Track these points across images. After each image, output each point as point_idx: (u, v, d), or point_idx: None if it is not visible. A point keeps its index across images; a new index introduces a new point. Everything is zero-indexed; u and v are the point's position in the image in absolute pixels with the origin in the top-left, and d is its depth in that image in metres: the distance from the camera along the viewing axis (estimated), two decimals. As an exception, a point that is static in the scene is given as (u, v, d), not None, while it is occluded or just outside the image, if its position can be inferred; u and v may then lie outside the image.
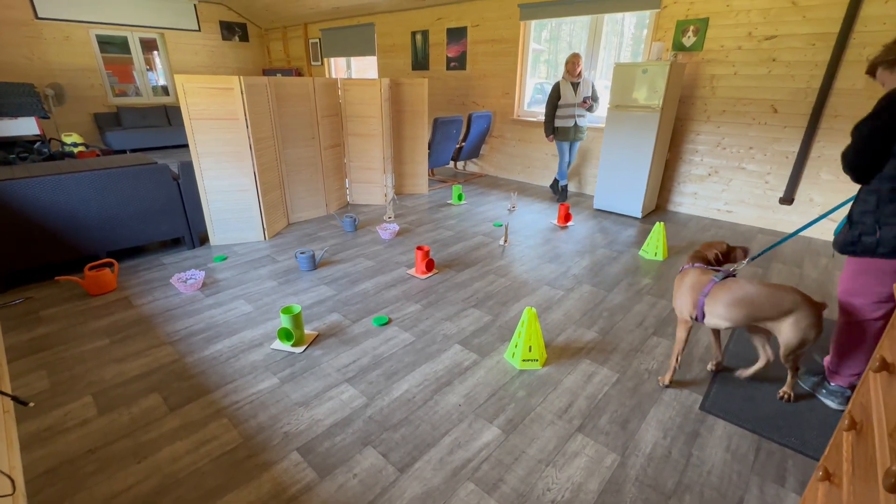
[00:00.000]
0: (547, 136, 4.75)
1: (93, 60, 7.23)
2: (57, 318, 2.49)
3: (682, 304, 1.90)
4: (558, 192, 4.98)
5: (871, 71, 1.65)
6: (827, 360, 1.93)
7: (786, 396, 1.87)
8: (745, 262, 1.96)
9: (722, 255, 2.00)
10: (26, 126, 5.73)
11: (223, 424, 1.75)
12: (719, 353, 2.07)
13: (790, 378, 1.85)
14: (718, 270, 1.88)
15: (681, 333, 1.92)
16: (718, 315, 1.79)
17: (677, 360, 1.96)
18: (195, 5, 8.04)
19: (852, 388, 1.83)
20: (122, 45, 7.63)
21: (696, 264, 1.94)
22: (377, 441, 1.68)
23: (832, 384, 1.87)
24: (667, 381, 1.97)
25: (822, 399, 1.88)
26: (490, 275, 3.08)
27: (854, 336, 1.76)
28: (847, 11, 3.30)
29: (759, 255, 1.99)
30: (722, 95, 4.06)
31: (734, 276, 1.85)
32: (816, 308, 1.66)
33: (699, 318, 1.85)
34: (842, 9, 3.34)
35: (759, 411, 1.83)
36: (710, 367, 2.09)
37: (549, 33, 5.59)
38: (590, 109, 4.48)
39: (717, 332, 2.03)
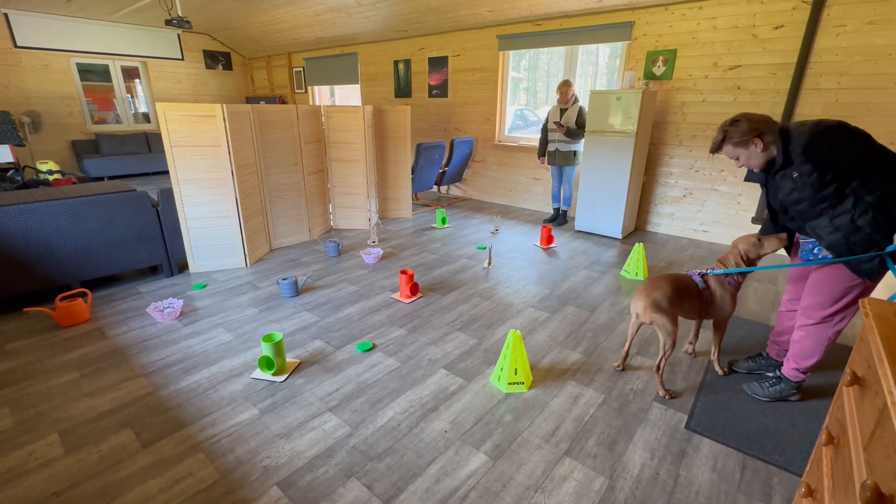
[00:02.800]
0: (538, 157, 4.88)
1: (72, 88, 7.18)
2: (24, 351, 2.38)
3: None
4: (557, 216, 5.04)
5: (717, 150, 1.80)
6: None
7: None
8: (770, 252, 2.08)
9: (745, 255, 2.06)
10: (0, 154, 5.61)
11: (199, 460, 1.67)
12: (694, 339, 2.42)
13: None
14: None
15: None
16: None
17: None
18: (179, 35, 8.11)
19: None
20: (103, 73, 7.60)
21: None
22: (361, 472, 1.63)
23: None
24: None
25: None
26: (474, 297, 3.09)
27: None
28: (802, 44, 3.53)
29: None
30: (692, 121, 4.25)
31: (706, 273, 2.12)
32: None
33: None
34: (798, 41, 3.58)
35: (743, 429, 1.84)
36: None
37: (527, 62, 5.81)
38: (567, 135, 4.51)
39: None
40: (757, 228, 4.11)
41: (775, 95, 3.77)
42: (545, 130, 4.72)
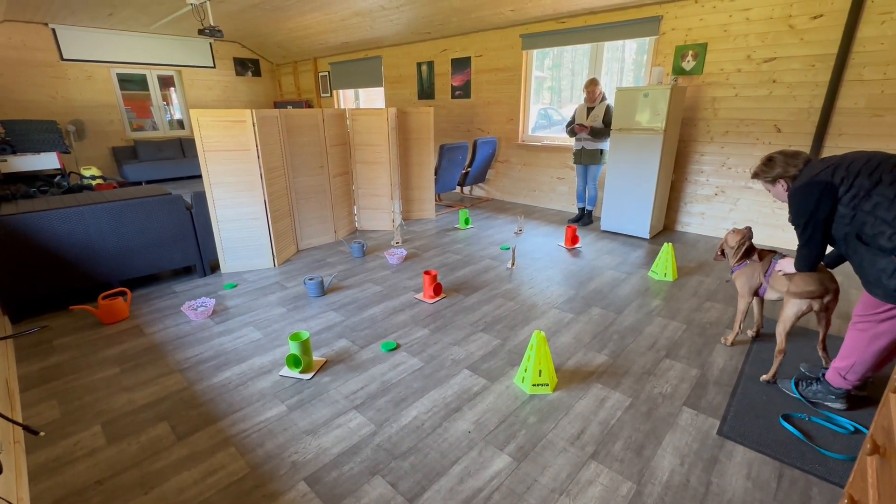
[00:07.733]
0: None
1: (113, 97, 7.55)
2: (70, 347, 2.52)
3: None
4: (582, 216, 4.97)
5: (755, 178, 2.01)
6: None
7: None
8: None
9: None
10: (48, 161, 5.94)
11: (231, 454, 1.73)
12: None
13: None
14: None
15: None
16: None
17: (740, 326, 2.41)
18: (210, 44, 8.41)
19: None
20: (140, 82, 7.96)
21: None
22: (385, 470, 1.64)
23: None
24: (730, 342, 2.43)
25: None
26: (498, 298, 3.07)
27: None
28: (844, 33, 3.36)
29: None
30: (724, 117, 4.10)
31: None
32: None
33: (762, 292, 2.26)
34: (839, 31, 3.41)
35: (779, 436, 1.77)
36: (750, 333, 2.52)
37: (551, 61, 5.75)
38: (591, 134, 4.45)
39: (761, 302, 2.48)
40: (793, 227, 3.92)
41: (814, 88, 3.60)
42: (571, 129, 4.64)
